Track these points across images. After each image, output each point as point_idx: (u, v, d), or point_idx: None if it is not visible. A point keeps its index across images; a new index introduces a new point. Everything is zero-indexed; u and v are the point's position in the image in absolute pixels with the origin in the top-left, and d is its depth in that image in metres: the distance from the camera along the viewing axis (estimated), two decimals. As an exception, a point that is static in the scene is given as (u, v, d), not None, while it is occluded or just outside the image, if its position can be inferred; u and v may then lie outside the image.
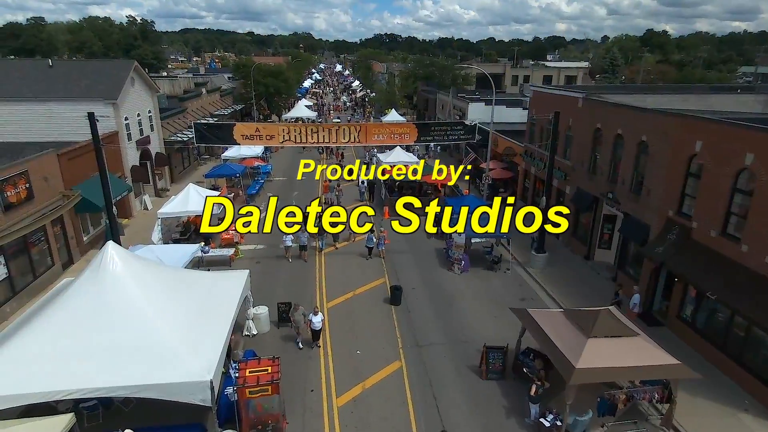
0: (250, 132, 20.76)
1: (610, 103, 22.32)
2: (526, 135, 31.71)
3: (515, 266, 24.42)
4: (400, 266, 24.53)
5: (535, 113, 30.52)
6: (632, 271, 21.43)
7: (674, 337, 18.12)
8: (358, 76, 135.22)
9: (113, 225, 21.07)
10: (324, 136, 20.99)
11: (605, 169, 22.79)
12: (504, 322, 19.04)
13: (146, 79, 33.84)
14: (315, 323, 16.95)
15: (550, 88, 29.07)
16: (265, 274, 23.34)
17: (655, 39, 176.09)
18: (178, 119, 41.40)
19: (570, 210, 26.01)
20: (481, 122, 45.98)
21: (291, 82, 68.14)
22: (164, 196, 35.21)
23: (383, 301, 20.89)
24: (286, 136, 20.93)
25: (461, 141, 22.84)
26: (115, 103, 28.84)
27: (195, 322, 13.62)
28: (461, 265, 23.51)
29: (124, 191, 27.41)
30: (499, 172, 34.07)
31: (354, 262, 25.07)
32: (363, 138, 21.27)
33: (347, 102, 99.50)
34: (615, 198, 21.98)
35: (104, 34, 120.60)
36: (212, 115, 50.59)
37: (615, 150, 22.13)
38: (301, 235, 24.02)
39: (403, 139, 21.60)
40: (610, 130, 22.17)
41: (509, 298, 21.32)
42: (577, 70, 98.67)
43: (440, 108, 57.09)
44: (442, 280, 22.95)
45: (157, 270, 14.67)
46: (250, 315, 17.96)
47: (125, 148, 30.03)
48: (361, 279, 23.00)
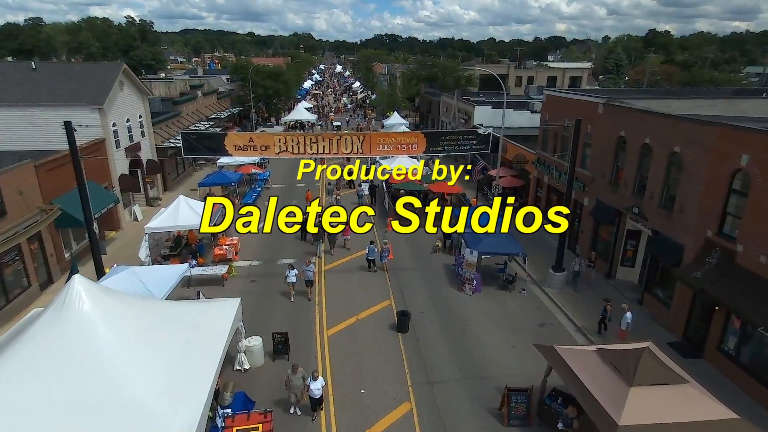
0: (243, 142, 18.93)
1: (637, 109, 20.48)
2: (539, 141, 29.88)
3: (531, 285, 22.57)
4: (407, 285, 22.70)
5: (548, 118, 28.68)
6: (661, 294, 19.59)
7: (713, 370, 16.31)
8: (359, 77, 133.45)
9: (94, 245, 19.24)
10: (324, 146, 19.16)
11: (630, 181, 20.95)
12: (524, 353, 17.23)
13: (136, 82, 32.03)
14: (314, 391, 13.82)
15: (566, 92, 27.27)
16: (260, 295, 21.51)
17: (657, 39, 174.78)
18: (172, 124, 39.59)
19: (589, 223, 24.21)
20: (487, 126, 44.43)
21: (290, 84, 66.28)
22: (156, 206, 33.44)
23: (389, 327, 19.04)
24: (282, 147, 19.10)
25: (473, 151, 21.02)
26: (102, 109, 27.02)
27: (176, 367, 11.80)
28: (473, 285, 21.68)
29: (111, 203, 25.58)
30: (509, 180, 32.24)
31: (356, 279, 23.25)
32: (366, 148, 19.43)
33: (348, 104, 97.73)
34: (641, 213, 20.13)
35: (103, 35, 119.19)
36: (209, 118, 48.80)
37: (641, 161, 20.30)
38: (306, 269, 20.90)
39: (410, 150, 19.78)
40: (636, 138, 20.34)
41: (527, 323, 19.49)
42: (582, 70, 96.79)
43: (444, 111, 55.28)
44: (452, 302, 21.11)
45: (133, 305, 12.83)
46: (241, 348, 16.14)
47: (112, 156, 28.21)
48: (365, 300, 21.17)
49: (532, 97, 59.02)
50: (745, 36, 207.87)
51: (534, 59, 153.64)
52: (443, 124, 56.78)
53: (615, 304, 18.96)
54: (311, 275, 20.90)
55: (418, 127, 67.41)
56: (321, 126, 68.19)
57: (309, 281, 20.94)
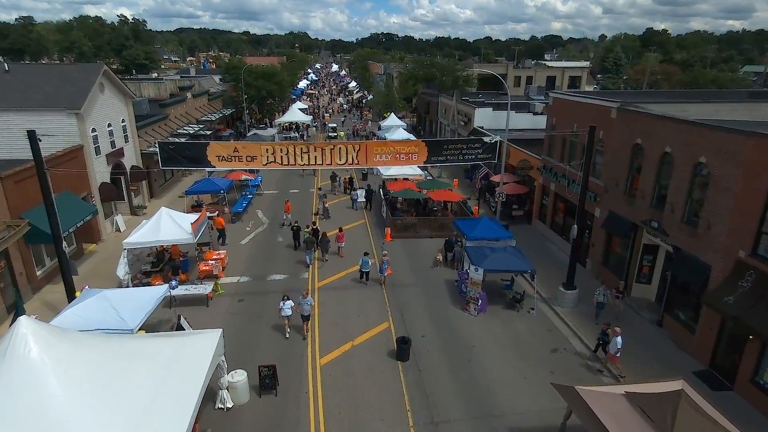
0: (226, 152, 17.23)
1: (656, 115, 18.89)
2: (545, 146, 28.29)
3: (540, 303, 20.99)
4: (406, 304, 21.07)
5: (555, 123, 27.10)
6: (683, 316, 18.03)
7: (746, 404, 14.80)
8: (355, 76, 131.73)
9: (64, 265, 17.51)
10: (315, 156, 17.48)
11: (647, 193, 19.38)
12: (537, 386, 15.64)
13: (118, 84, 30.24)
14: None
15: (575, 95, 25.66)
16: (248, 317, 19.83)
17: (655, 38, 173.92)
18: (159, 127, 37.79)
19: (601, 236, 22.64)
20: (488, 128, 42.80)
21: (284, 85, 64.45)
22: (141, 214, 31.71)
23: (388, 354, 17.40)
24: (270, 158, 17.42)
25: (479, 161, 19.41)
26: (80, 114, 25.25)
27: (142, 420, 10.16)
28: (478, 305, 20.08)
29: (88, 215, 23.82)
30: (513, 187, 30.62)
31: (351, 297, 21.59)
32: (362, 159, 17.77)
33: (344, 104, 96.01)
34: (661, 228, 18.56)
35: (95, 34, 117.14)
36: (199, 121, 46.99)
37: (661, 171, 18.72)
38: (303, 302, 18.19)
39: (410, 160, 18.13)
40: (655, 147, 18.76)
41: (539, 348, 17.89)
42: (581, 70, 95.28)
43: (443, 112, 53.68)
44: (456, 324, 19.49)
45: (93, 346, 11.15)
46: (223, 384, 14.46)
47: (92, 163, 26.43)
48: (361, 322, 19.53)
49: (532, 97, 57.44)
50: (741, 35, 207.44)
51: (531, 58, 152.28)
52: (442, 126, 55.19)
53: (627, 324, 17.45)
54: (308, 309, 18.29)
55: (416, 128, 65.80)
56: (316, 127, 66.48)
57: (305, 316, 18.33)
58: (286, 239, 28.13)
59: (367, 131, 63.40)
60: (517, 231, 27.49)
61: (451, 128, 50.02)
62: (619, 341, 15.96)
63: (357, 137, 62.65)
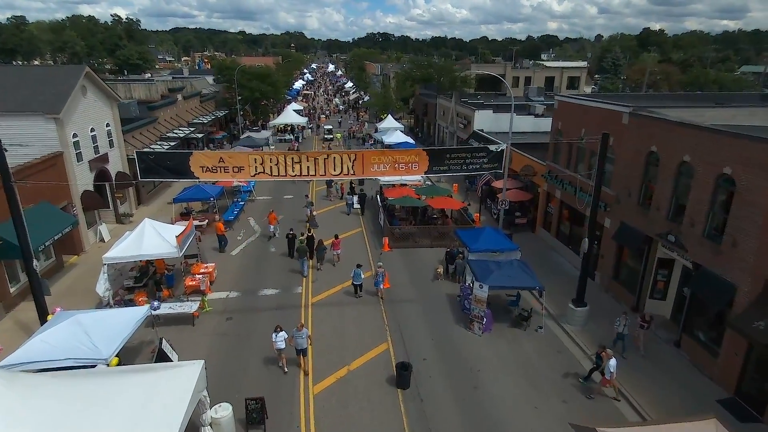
0: (211, 163, 15.88)
1: (674, 122, 17.63)
2: (550, 152, 27.02)
3: (548, 321, 19.72)
4: (406, 322, 19.77)
5: (561, 127, 25.85)
6: (704, 337, 16.80)
7: (777, 438, 13.56)
8: (352, 76, 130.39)
9: (35, 286, 16.12)
10: (308, 167, 16.16)
11: (663, 204, 18.14)
12: (549, 417, 14.40)
13: (102, 86, 28.81)
14: None
15: (582, 98, 24.40)
16: (236, 339, 18.47)
17: (652, 38, 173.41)
18: (148, 131, 36.39)
19: (611, 248, 21.41)
20: (489, 132, 41.55)
21: (278, 86, 63.03)
22: (128, 223, 30.33)
23: (387, 381, 16.09)
24: (259, 168, 16.08)
25: (484, 170, 18.12)
26: (59, 118, 23.83)
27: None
28: (483, 324, 18.79)
29: (67, 226, 22.41)
30: (515, 194, 29.37)
31: (348, 314, 20.28)
32: (359, 169, 16.45)
33: (340, 105, 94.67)
34: (678, 242, 17.32)
35: (88, 33, 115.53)
36: (190, 123, 45.62)
37: (679, 181, 17.48)
38: (297, 335, 15.95)
39: (410, 170, 16.83)
40: (673, 155, 17.52)
41: (549, 373, 16.61)
42: (580, 70, 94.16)
43: (441, 114, 52.38)
44: (459, 345, 18.20)
45: (52, 391, 9.82)
46: (206, 421, 13.11)
47: (73, 171, 25.03)
48: (358, 343, 18.21)
49: (532, 99, 56.15)
50: (737, 35, 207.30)
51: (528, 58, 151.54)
52: (440, 128, 53.93)
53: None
54: (303, 343, 16.05)
55: (413, 130, 64.53)
56: (311, 129, 65.12)
57: (300, 350, 16.14)
58: (280, 248, 26.85)
59: (364, 133, 62.14)
60: (521, 240, 26.27)
61: (449, 131, 48.76)
62: (613, 364, 14.80)
63: (353, 139, 61.43)
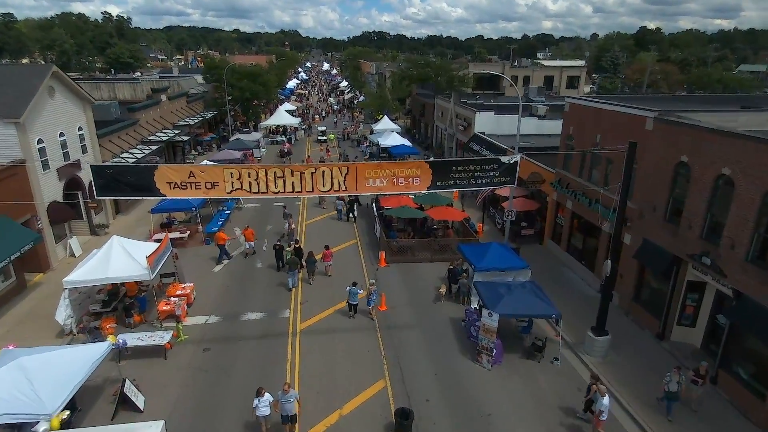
0: (180, 178, 13.66)
1: (709, 128, 15.54)
2: (559, 158, 24.94)
3: (565, 350, 17.63)
4: (406, 353, 17.62)
5: (572, 132, 23.78)
6: (745, 374, 14.75)
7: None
8: (347, 75, 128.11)
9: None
10: (293, 182, 13.97)
11: (697, 222, 16.08)
12: (575, 479, 12.27)
13: (74, 87, 26.45)
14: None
15: (597, 101, 22.28)
16: (214, 375, 16.26)
17: (649, 37, 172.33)
18: (128, 134, 34.04)
19: (632, 267, 19.34)
20: (490, 134, 39.44)
21: (269, 85, 60.66)
22: (104, 234, 28.01)
23: (385, 429, 13.95)
24: (236, 184, 13.88)
25: (495, 185, 16.00)
26: (19, 122, 21.52)
27: None
28: (492, 356, 16.68)
29: (28, 244, 20.12)
30: (521, 203, 27.22)
31: (340, 344, 18.09)
32: (351, 184, 14.28)
33: (334, 104, 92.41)
34: (715, 266, 15.26)
35: (78, 31, 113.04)
36: (175, 125, 43.27)
37: (715, 197, 15.43)
38: (283, 399, 12.82)
39: (410, 186, 14.67)
40: (708, 167, 15.46)
41: (569, 416, 14.52)
42: (580, 69, 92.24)
43: (439, 115, 50.22)
44: (466, 381, 16.06)
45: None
46: (168, 493, 10.94)
47: (37, 180, 22.74)
48: (352, 380, 16.02)
49: (532, 99, 54.10)
50: (733, 34, 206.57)
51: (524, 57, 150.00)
52: (438, 130, 51.78)
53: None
54: (292, 408, 12.95)
55: (410, 131, 62.34)
56: (305, 130, 62.84)
57: (288, 417, 13.05)
58: (267, 262, 24.76)
59: (359, 134, 59.96)
60: (528, 253, 24.25)
61: (448, 132, 46.63)
62: (605, 403, 12.82)
63: (347, 140, 59.21)
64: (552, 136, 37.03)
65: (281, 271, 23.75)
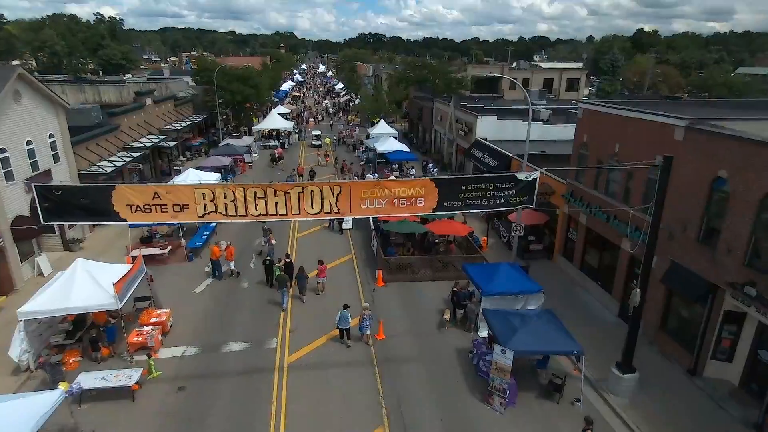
0: (142, 200, 11.59)
1: (757, 140, 13.60)
2: (572, 168, 23.02)
3: (587, 389, 15.62)
4: (407, 391, 15.59)
5: (587, 141, 21.86)
6: (798, 424, 12.82)
7: None
8: (342, 77, 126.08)
9: None
10: (276, 203, 11.94)
11: (737, 245, 14.15)
12: None
13: (44, 91, 24.32)
14: None
15: (616, 108, 20.29)
16: (187, 419, 14.19)
17: (645, 39, 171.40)
18: (107, 141, 31.88)
19: (658, 293, 17.38)
20: (493, 140, 37.50)
21: (261, 88, 58.55)
22: (78, 250, 25.90)
23: (384, 494, 11.94)
24: (210, 206, 11.84)
25: (510, 206, 14.04)
26: (-22, 131, 19.44)
27: None
28: (505, 397, 14.68)
29: (-16, 266, 18.00)
30: (530, 215, 25.13)
31: (333, 381, 16.05)
32: (345, 206, 12.27)
33: (330, 107, 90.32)
34: (761, 297, 13.33)
35: (69, 32, 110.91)
36: (162, 130, 41.11)
37: (761, 218, 13.51)
38: None
39: (413, 207, 12.65)
40: (752, 185, 13.55)
41: (598, 476, 12.54)
42: (579, 72, 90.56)
43: (438, 119, 48.30)
44: (477, 428, 14.05)
45: None
46: None
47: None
48: (346, 429, 13.99)
49: (534, 102, 52.32)
50: (728, 36, 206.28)
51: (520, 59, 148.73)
52: (436, 135, 49.85)
53: None
54: None
55: (407, 135, 60.23)
56: (299, 134, 60.75)
57: None
58: (254, 281, 22.77)
59: (355, 139, 57.92)
60: (537, 271, 22.35)
61: (448, 138, 44.69)
62: None
63: (343, 145, 57.16)
64: (558, 142, 35.20)
65: (271, 288, 21.90)
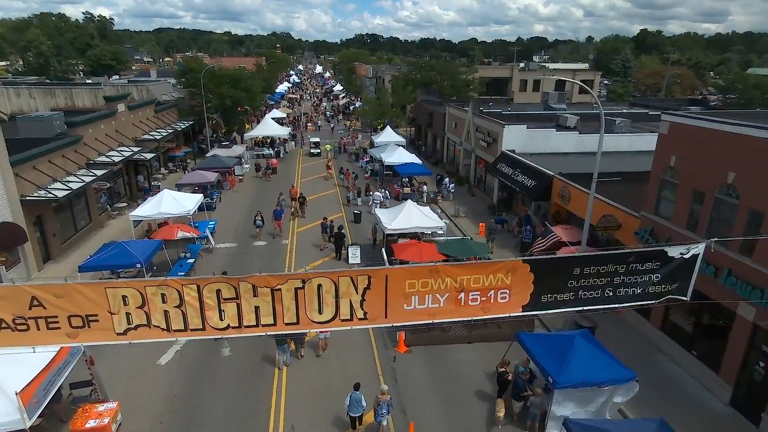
0: (13, 310, 6.39)
1: None
2: (650, 198, 17.84)
3: None
4: None
5: (675, 164, 16.69)
6: None
7: None
8: (341, 78, 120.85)
9: None
10: (258, 308, 6.72)
11: None
12: None
13: (-32, 99, 19.03)
14: None
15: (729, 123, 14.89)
16: None
17: (649, 39, 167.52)
18: (64, 156, 26.44)
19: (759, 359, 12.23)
20: (521, 153, 32.26)
21: (254, 91, 53.23)
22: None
23: None
24: (138, 316, 6.61)
25: (651, 300, 8.89)
26: None
27: None
28: None
29: None
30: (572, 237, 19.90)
31: None
32: (376, 306, 6.99)
33: (328, 110, 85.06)
34: None
35: (56, 32, 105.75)
36: (137, 141, 35.76)
37: None
38: None
39: (491, 306, 7.25)
40: None
41: None
42: (593, 73, 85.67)
43: (452, 126, 43.00)
44: None
45: None
46: None
47: None
48: None
49: (553, 106, 47.04)
50: (730, 37, 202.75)
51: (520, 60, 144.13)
52: (449, 143, 44.55)
53: None
54: None
55: (414, 143, 54.74)
56: (296, 141, 55.44)
57: None
58: (236, 348, 17.47)
59: (357, 147, 52.67)
60: (601, 331, 17.14)
61: (464, 148, 39.46)
62: None
63: (344, 153, 51.90)
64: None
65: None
